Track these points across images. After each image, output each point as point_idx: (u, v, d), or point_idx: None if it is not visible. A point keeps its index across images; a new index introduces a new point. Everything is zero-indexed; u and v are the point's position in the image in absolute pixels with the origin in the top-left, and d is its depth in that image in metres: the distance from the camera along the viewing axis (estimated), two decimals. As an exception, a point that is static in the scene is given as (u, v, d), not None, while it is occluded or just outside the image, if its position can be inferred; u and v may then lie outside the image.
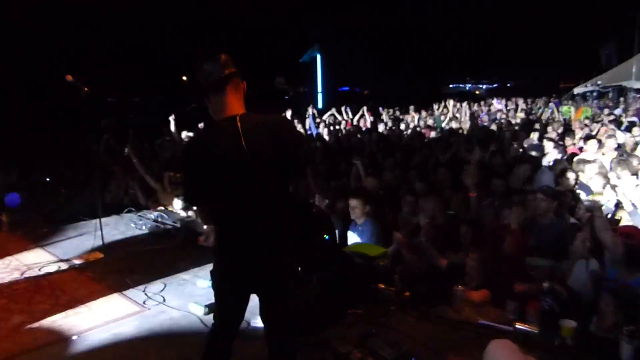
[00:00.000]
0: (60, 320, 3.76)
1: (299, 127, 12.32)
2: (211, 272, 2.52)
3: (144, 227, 6.04)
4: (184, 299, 4.06)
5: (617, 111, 15.15)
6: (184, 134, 10.57)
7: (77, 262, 4.99)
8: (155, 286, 4.35)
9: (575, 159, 7.11)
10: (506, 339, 2.85)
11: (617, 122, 11.44)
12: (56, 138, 12.65)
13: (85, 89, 4.75)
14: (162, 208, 6.58)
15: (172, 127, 10.49)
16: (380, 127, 12.84)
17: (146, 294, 4.19)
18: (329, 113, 14.69)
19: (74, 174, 8.86)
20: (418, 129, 12.55)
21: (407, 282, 4.09)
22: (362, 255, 4.15)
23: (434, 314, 3.64)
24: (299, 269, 2.67)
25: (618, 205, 4.94)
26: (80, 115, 4.90)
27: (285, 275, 2.48)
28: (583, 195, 5.51)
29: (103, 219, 5.33)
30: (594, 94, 20.38)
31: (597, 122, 11.92)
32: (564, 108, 15.78)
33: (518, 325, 3.33)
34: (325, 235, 3.70)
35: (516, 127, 11.26)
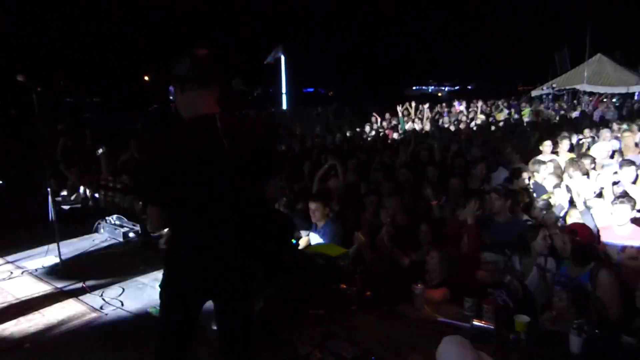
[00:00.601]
0: (12, 328, 3.64)
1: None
2: (164, 279, 2.34)
3: (102, 230, 5.89)
4: (143, 303, 3.99)
5: (575, 114, 15.71)
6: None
7: (31, 267, 4.83)
8: (113, 290, 4.26)
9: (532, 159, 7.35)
10: (459, 335, 2.91)
11: (573, 125, 11.90)
12: (7, 140, 12.21)
13: (39, 88, 4.60)
14: (121, 211, 6.44)
15: None
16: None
17: (103, 299, 4.10)
18: None
19: (27, 176, 8.55)
20: (381, 130, 12.70)
21: (368, 281, 4.13)
22: (324, 255, 4.17)
23: (395, 313, 3.69)
24: (261, 273, 2.54)
25: (571, 205, 5.12)
26: (32, 115, 4.73)
27: (248, 281, 2.36)
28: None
29: (59, 223, 5.17)
30: (550, 96, 21.09)
31: (554, 124, 12.36)
32: (525, 111, 16.25)
33: (475, 322, 3.42)
34: (292, 240, 3.73)
35: (475, 129, 11.54)
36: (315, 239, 5.00)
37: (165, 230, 3.68)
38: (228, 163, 2.18)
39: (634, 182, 5.65)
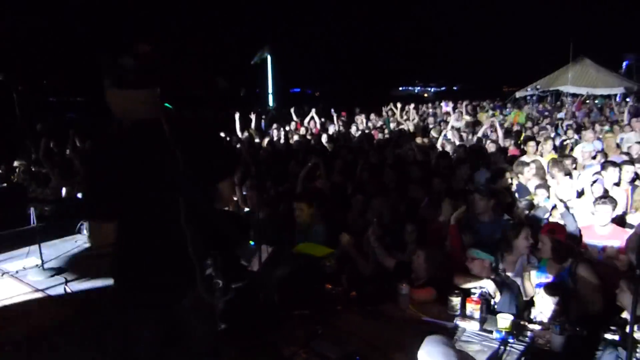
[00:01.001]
0: (-7, 331, 3.58)
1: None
2: (120, 298, 2.18)
3: (84, 231, 5.82)
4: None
5: (560, 115, 15.90)
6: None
7: (12, 269, 4.76)
8: (95, 293, 4.20)
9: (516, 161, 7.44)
10: (443, 334, 2.94)
11: (557, 125, 12.05)
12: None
13: (19, 87, 4.54)
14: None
15: None
16: (331, 129, 12.93)
17: (85, 301, 4.04)
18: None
19: (7, 177, 8.43)
20: (367, 130, 12.73)
21: (353, 282, 4.14)
22: (309, 256, 4.16)
23: (380, 313, 3.70)
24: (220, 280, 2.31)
25: (555, 206, 5.19)
26: (13, 115, 4.67)
27: (208, 290, 2.20)
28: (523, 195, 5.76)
29: (41, 224, 5.10)
30: (534, 97, 21.35)
31: (538, 124, 12.51)
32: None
33: (459, 321, 3.45)
34: (250, 242, 3.67)
35: (460, 129, 11.61)
36: (300, 239, 5.01)
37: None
38: (178, 167, 2.04)
39: (617, 184, 5.73)
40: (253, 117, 12.76)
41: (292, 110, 15.17)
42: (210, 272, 2.20)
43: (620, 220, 4.80)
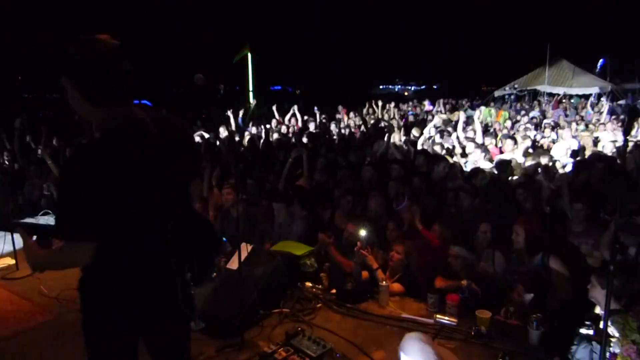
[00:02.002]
0: (-35, 332, 3.49)
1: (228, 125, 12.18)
2: (94, 316, 2.01)
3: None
4: (103, 305, 3.88)
5: (534, 113, 16.14)
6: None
7: (-16, 269, 4.65)
8: (71, 292, 4.12)
9: (495, 158, 7.55)
10: (420, 331, 2.96)
11: (534, 124, 12.23)
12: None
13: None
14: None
15: None
16: (312, 126, 12.92)
17: (61, 301, 3.97)
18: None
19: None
20: (348, 129, 12.76)
21: (333, 280, 4.15)
22: (288, 254, 4.16)
23: (359, 310, 3.71)
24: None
25: None
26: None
27: (187, 303, 2.11)
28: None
29: (16, 221, 4.98)
30: (512, 96, 21.63)
31: (516, 122, 12.70)
32: (485, 110, 16.58)
33: (438, 317, 3.48)
34: (223, 238, 3.63)
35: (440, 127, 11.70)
36: (280, 237, 5.00)
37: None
38: (161, 172, 1.94)
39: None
40: (231, 114, 12.67)
41: (274, 107, 15.12)
42: (187, 279, 2.12)
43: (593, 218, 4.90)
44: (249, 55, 22.53)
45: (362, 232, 4.10)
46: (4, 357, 3.24)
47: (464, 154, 8.10)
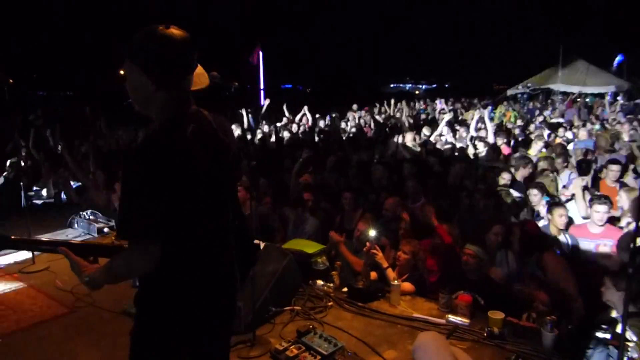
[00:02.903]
0: (-19, 324, 3.55)
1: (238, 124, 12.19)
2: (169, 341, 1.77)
3: (76, 226, 5.78)
4: (115, 299, 3.91)
5: (546, 113, 16.00)
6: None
7: (3, 262, 4.71)
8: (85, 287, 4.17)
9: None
10: (434, 331, 2.94)
11: (547, 123, 12.12)
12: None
13: (10, 80, 4.49)
14: (95, 205, 6.33)
15: None
16: (322, 125, 12.92)
17: (76, 295, 4.01)
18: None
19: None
20: (358, 127, 12.73)
21: (344, 278, 4.15)
22: (299, 252, 4.16)
23: (370, 309, 3.71)
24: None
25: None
26: (4, 109, 4.61)
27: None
28: (515, 193, 5.80)
29: (32, 217, 5.04)
30: (525, 95, 21.44)
31: (530, 122, 12.60)
32: (497, 110, 16.45)
33: (450, 317, 3.47)
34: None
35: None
36: (292, 235, 5.01)
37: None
38: (230, 167, 1.89)
39: (618, 180, 5.80)
40: (244, 112, 12.69)
41: (284, 106, 15.13)
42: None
43: (611, 220, 4.85)
44: (260, 53, 22.58)
45: (372, 232, 4.09)
46: (22, 349, 3.28)
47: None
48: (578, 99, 19.29)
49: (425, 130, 11.01)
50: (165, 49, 1.67)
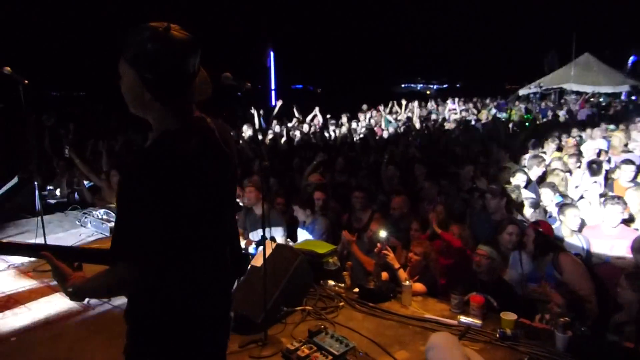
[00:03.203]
0: (-3, 322, 3.60)
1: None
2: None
3: (89, 225, 5.84)
4: (130, 297, 3.95)
5: (561, 112, 15.87)
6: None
7: (17, 261, 4.77)
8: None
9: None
10: (446, 332, 2.93)
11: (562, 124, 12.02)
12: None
13: (25, 81, 4.53)
14: (108, 205, 6.39)
15: None
16: (333, 126, 12.92)
17: (90, 295, 4.05)
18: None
19: (13, 169, 8.45)
20: (369, 128, 12.72)
21: (355, 278, 4.15)
22: (311, 252, 4.17)
23: (382, 310, 3.70)
24: None
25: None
26: (19, 109, 4.66)
27: None
28: (529, 194, 5.77)
29: (46, 217, 5.11)
30: (537, 95, 21.27)
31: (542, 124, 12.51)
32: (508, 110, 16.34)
33: (462, 319, 3.45)
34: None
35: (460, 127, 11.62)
36: (303, 235, 5.01)
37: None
38: (231, 180, 1.82)
39: (633, 180, 5.74)
40: (255, 113, 12.75)
41: (294, 107, 15.16)
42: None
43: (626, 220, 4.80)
44: (272, 54, 22.68)
45: (382, 233, 4.08)
46: (35, 347, 3.32)
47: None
48: (592, 99, 19.11)
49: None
50: (163, 56, 1.52)
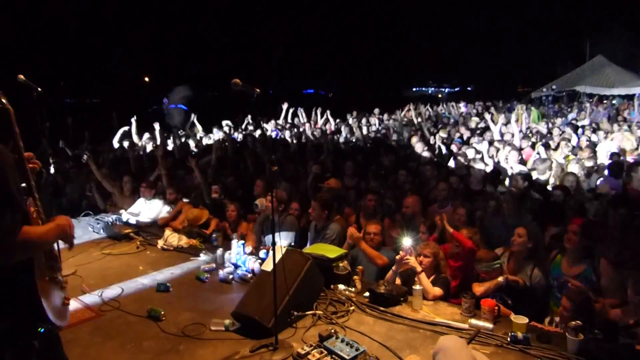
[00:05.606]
0: (11, 328, 3.64)
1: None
2: None
3: (101, 231, 5.90)
4: (141, 303, 3.99)
5: (572, 115, 15.71)
6: (145, 136, 10.49)
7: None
8: (112, 291, 4.26)
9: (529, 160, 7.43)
10: (456, 335, 2.91)
11: (573, 126, 11.89)
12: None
13: (39, 89, 4.60)
14: (121, 211, 6.46)
15: (134, 130, 10.39)
16: (345, 131, 12.93)
17: (102, 299, 4.09)
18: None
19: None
20: (379, 132, 12.71)
21: (366, 282, 4.15)
22: (321, 256, 4.17)
23: (392, 314, 3.70)
24: None
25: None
26: (32, 116, 4.73)
27: None
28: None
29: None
30: (550, 98, 21.10)
31: (553, 125, 12.39)
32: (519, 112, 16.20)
33: (473, 322, 3.43)
34: None
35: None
36: (313, 238, 5.03)
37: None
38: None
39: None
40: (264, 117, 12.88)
41: (300, 110, 15.17)
42: None
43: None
44: (282, 59, 22.76)
45: (406, 240, 4.06)
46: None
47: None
48: (605, 101, 18.91)
49: (442, 133, 10.94)
50: None
